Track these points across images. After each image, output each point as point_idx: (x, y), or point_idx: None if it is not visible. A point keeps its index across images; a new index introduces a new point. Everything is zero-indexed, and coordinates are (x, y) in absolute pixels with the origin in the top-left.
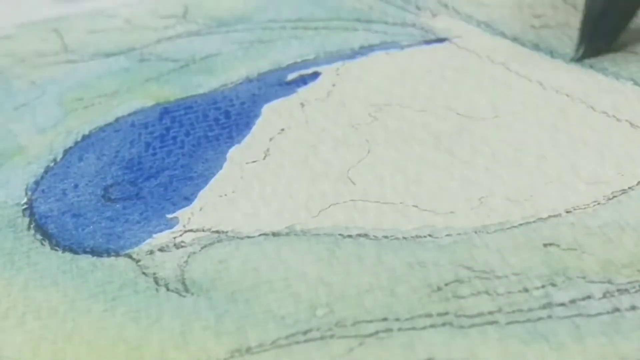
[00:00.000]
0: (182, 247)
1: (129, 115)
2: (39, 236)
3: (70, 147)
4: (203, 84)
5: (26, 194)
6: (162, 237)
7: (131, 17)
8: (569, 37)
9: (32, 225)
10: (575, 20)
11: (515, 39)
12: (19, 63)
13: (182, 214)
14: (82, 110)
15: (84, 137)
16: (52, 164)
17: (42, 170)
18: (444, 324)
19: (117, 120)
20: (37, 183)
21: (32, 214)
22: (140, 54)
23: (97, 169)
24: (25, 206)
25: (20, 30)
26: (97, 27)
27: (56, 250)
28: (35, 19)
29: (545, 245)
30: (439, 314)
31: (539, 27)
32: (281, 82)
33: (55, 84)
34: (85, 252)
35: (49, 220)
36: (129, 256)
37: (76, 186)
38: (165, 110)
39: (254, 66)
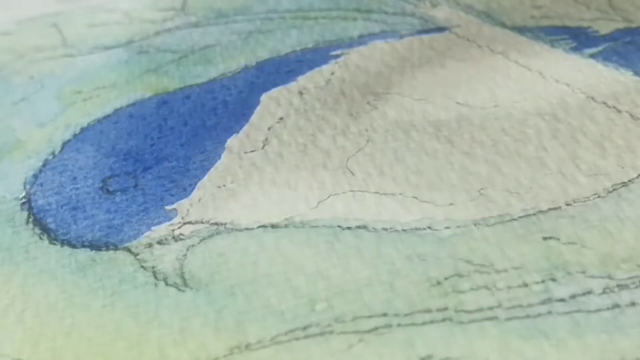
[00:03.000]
0: (180, 239)
1: (127, 106)
2: (37, 230)
3: (69, 140)
4: (202, 74)
5: (25, 188)
6: (160, 230)
7: (130, 11)
8: (568, 27)
9: (30, 220)
10: (575, 11)
11: (515, 29)
12: (18, 59)
13: (181, 205)
14: (80, 103)
15: (83, 130)
16: (50, 158)
17: (40, 164)
18: (443, 320)
19: (115, 112)
20: (35, 177)
21: (30, 208)
22: (139, 47)
23: (96, 161)
24: (23, 200)
25: (20, 26)
26: (96, 21)
27: (55, 244)
28: (35, 15)
29: (545, 238)
30: (439, 310)
31: (539, 17)
32: (280, 71)
33: (54, 78)
34: (83, 245)
35: (48, 214)
36: (128, 249)
37: (74, 179)
38: (163, 101)
39: (252, 56)
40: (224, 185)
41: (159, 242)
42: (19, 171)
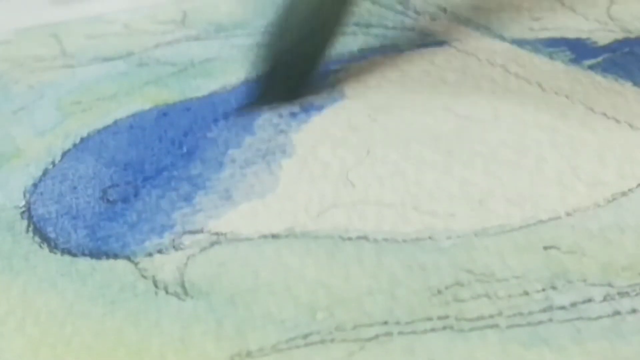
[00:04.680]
0: (180, 249)
1: (127, 117)
2: (37, 239)
3: (69, 150)
4: (202, 87)
5: (25, 196)
6: (160, 239)
7: (130, 23)
8: (567, 39)
9: (30, 228)
10: (573, 22)
11: (514, 42)
12: (18, 68)
13: (181, 215)
14: (80, 114)
15: (82, 140)
16: (50, 167)
17: (40, 172)
18: (444, 328)
19: (115, 122)
20: (35, 186)
21: (30, 217)
22: (138, 59)
23: (95, 170)
24: (23, 209)
25: (19, 35)
26: (96, 32)
27: (55, 253)
28: (34, 24)
29: (545, 248)
30: (440, 318)
31: (537, 29)
32: None
33: (53, 88)
34: (83, 254)
35: (48, 223)
36: (128, 258)
37: (74, 188)
38: (163, 113)
39: (253, 69)
40: (225, 196)
41: (159, 252)
42: (18, 180)
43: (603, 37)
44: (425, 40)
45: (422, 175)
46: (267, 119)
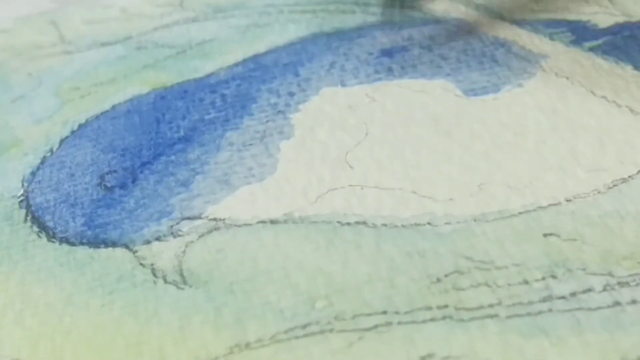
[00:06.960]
0: (179, 235)
1: (125, 102)
2: (35, 228)
3: (67, 137)
4: (200, 69)
5: (23, 185)
6: (158, 226)
7: (128, 7)
8: (568, 21)
9: (28, 217)
10: (574, 5)
11: (514, 22)
12: (16, 56)
13: (179, 201)
14: (78, 100)
15: (80, 126)
16: (48, 154)
17: (38, 161)
18: (443, 318)
19: (113, 107)
20: (33, 174)
21: (28, 206)
22: (136, 42)
23: (93, 157)
24: (21, 198)
25: (18, 23)
26: (94, 18)
27: (53, 242)
28: (32, 12)
29: (545, 235)
30: (439, 307)
31: (538, 11)
32: (278, 63)
33: (51, 75)
34: (82, 243)
35: (46, 212)
36: (126, 247)
37: (72, 175)
38: (161, 96)
39: (250, 49)
40: (223, 180)
41: (157, 239)
42: (16, 169)
43: (604, 20)
44: (425, 19)
45: (421, 158)
46: (265, 99)
